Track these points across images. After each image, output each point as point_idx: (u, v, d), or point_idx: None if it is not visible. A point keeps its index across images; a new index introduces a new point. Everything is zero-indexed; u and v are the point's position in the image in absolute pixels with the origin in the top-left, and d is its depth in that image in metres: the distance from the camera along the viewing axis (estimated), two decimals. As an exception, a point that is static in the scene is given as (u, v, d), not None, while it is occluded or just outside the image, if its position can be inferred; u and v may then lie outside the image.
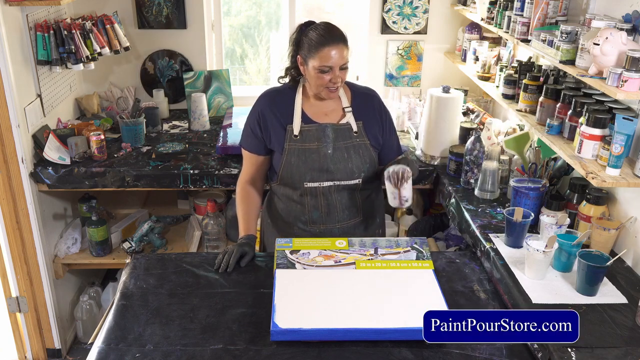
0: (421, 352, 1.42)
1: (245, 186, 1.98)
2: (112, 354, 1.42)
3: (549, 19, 2.06)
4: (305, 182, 1.88)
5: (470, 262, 1.85)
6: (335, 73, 1.78)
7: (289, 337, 1.43)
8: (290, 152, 1.87)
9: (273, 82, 3.74)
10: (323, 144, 1.87)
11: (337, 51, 1.76)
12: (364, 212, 1.99)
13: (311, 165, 1.87)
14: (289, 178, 1.89)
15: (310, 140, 1.87)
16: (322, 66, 1.76)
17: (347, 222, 1.96)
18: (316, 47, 1.76)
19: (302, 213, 1.94)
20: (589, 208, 1.85)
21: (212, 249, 2.73)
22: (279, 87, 1.97)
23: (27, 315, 2.65)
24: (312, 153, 1.87)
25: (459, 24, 3.15)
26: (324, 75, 1.78)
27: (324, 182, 1.88)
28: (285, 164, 1.88)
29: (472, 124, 2.51)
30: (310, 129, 1.88)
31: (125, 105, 3.10)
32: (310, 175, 1.87)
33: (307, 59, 1.79)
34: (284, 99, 1.91)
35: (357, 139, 1.90)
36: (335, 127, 1.89)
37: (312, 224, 1.94)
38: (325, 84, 1.80)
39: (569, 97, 1.90)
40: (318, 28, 1.79)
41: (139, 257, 1.84)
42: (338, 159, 1.88)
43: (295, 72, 1.90)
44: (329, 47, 1.75)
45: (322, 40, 1.76)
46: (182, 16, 3.06)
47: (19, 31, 2.38)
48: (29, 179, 2.43)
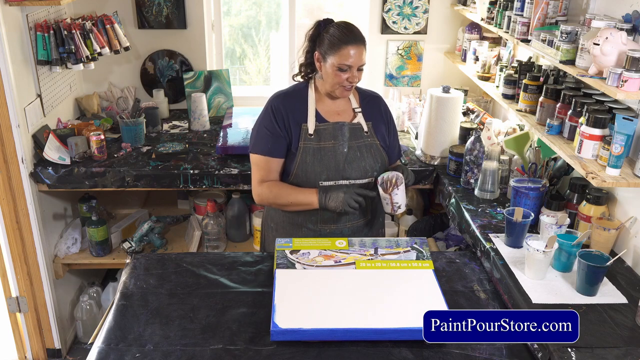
0: (421, 352, 1.42)
1: (266, 183, 1.89)
2: (112, 354, 1.42)
3: (549, 19, 2.06)
4: (321, 181, 1.87)
5: (470, 262, 1.86)
6: (353, 72, 1.79)
7: (289, 337, 1.43)
8: (305, 151, 1.86)
9: (273, 82, 3.78)
10: (339, 143, 1.87)
11: (358, 51, 1.77)
12: (372, 211, 2.00)
13: (327, 164, 1.86)
14: (303, 177, 1.88)
15: (326, 139, 1.87)
16: (342, 64, 1.77)
17: (356, 222, 1.96)
18: (338, 45, 1.77)
19: (312, 213, 1.92)
20: (589, 208, 1.85)
21: (212, 249, 2.73)
22: (286, 90, 1.96)
23: (27, 315, 2.65)
24: (327, 152, 1.86)
25: (459, 24, 3.15)
26: (341, 74, 1.79)
27: (339, 181, 1.88)
28: (300, 163, 1.87)
29: (472, 124, 2.51)
30: (327, 128, 1.88)
31: (125, 105, 3.10)
32: (325, 174, 1.87)
33: (326, 55, 1.80)
34: (295, 98, 1.90)
35: (369, 138, 1.91)
36: (350, 126, 1.90)
37: (323, 224, 1.94)
38: (341, 82, 1.81)
39: (569, 97, 1.90)
40: (340, 26, 1.80)
41: (139, 257, 1.84)
42: (352, 158, 1.88)
43: (309, 68, 1.90)
44: (351, 46, 1.76)
45: (344, 38, 1.77)
46: (182, 16, 3.06)
47: (19, 31, 2.38)
48: (29, 179, 2.43)
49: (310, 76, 1.93)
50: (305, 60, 1.90)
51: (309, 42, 1.87)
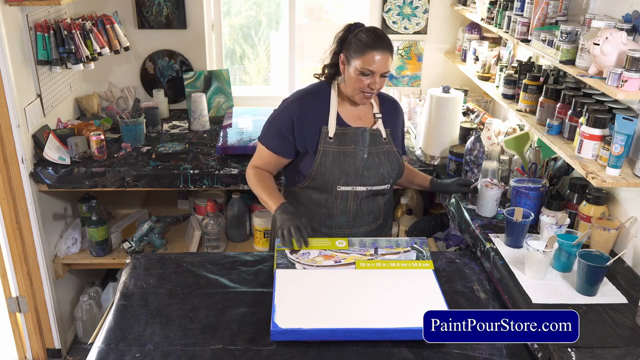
0: (421, 352, 1.42)
1: (260, 170, 1.96)
2: (112, 354, 1.42)
3: (549, 19, 2.06)
4: (339, 186, 1.87)
5: (470, 262, 1.86)
6: (375, 79, 1.78)
7: (289, 337, 1.43)
8: (324, 154, 1.86)
9: (273, 82, 3.78)
10: (359, 148, 1.87)
11: (383, 58, 1.76)
12: (384, 215, 2.01)
13: (346, 169, 1.86)
14: (321, 180, 1.87)
15: (347, 143, 1.87)
16: (365, 69, 1.76)
17: (370, 226, 1.97)
18: (363, 49, 1.76)
19: (327, 217, 1.92)
20: (589, 208, 1.85)
21: (212, 249, 2.73)
22: (308, 89, 1.95)
23: (27, 315, 2.65)
24: (347, 156, 1.86)
25: (459, 24, 3.15)
26: (363, 79, 1.78)
27: (357, 187, 1.88)
28: (318, 166, 1.86)
29: (472, 124, 2.51)
30: (347, 132, 1.87)
31: (125, 105, 3.10)
32: (344, 178, 1.86)
33: (350, 59, 1.79)
34: (317, 100, 1.90)
35: (387, 145, 1.92)
36: (371, 132, 1.90)
37: (338, 228, 1.94)
38: (362, 88, 1.80)
39: (569, 97, 1.90)
40: (369, 31, 1.79)
41: (139, 257, 1.84)
42: (371, 164, 1.88)
43: (333, 69, 1.90)
44: (376, 52, 1.75)
45: (371, 43, 1.76)
46: (182, 16, 3.06)
47: (19, 31, 2.38)
48: (29, 179, 2.43)
49: (335, 78, 1.91)
50: (330, 62, 1.90)
51: (336, 44, 1.86)
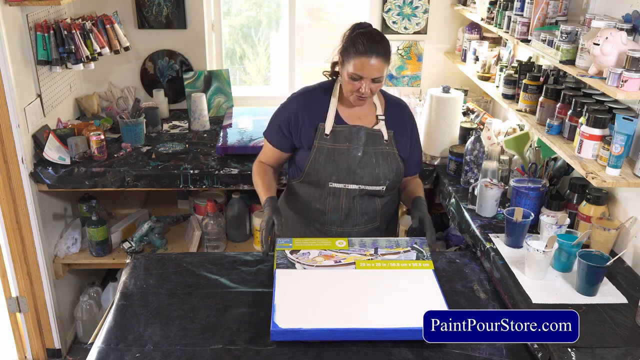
0: (421, 352, 1.42)
1: (263, 165, 2.02)
2: (112, 354, 1.42)
3: (549, 19, 2.06)
4: (330, 182, 1.88)
5: (470, 262, 1.86)
6: (365, 84, 1.77)
7: (289, 337, 1.43)
8: (319, 150, 1.87)
9: (273, 82, 3.78)
10: (354, 146, 1.87)
11: (373, 64, 1.73)
12: (381, 218, 2.00)
13: (339, 166, 1.86)
14: (314, 176, 1.89)
15: (341, 141, 1.87)
16: (354, 74, 1.76)
17: (364, 227, 1.97)
18: (354, 54, 1.75)
19: (321, 214, 1.94)
20: (589, 208, 1.85)
21: (212, 249, 2.73)
22: (314, 86, 1.97)
23: (27, 315, 2.65)
24: (341, 153, 1.87)
25: (459, 24, 3.15)
26: (354, 82, 1.78)
27: (349, 185, 1.88)
28: (312, 161, 1.88)
29: (472, 124, 2.51)
30: (343, 130, 1.88)
31: (125, 105, 3.10)
32: (336, 175, 1.87)
33: (344, 61, 1.79)
34: (318, 98, 1.91)
35: (387, 147, 1.91)
36: (368, 131, 1.89)
37: (330, 225, 1.95)
38: (354, 91, 1.80)
39: (569, 97, 1.90)
40: (364, 36, 1.76)
41: (139, 257, 1.84)
42: (366, 163, 1.88)
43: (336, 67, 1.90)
44: (365, 58, 1.73)
45: (362, 49, 1.73)
46: (182, 16, 3.06)
47: (19, 31, 2.38)
48: (29, 179, 2.43)
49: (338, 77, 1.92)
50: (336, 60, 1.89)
51: (342, 43, 1.84)
